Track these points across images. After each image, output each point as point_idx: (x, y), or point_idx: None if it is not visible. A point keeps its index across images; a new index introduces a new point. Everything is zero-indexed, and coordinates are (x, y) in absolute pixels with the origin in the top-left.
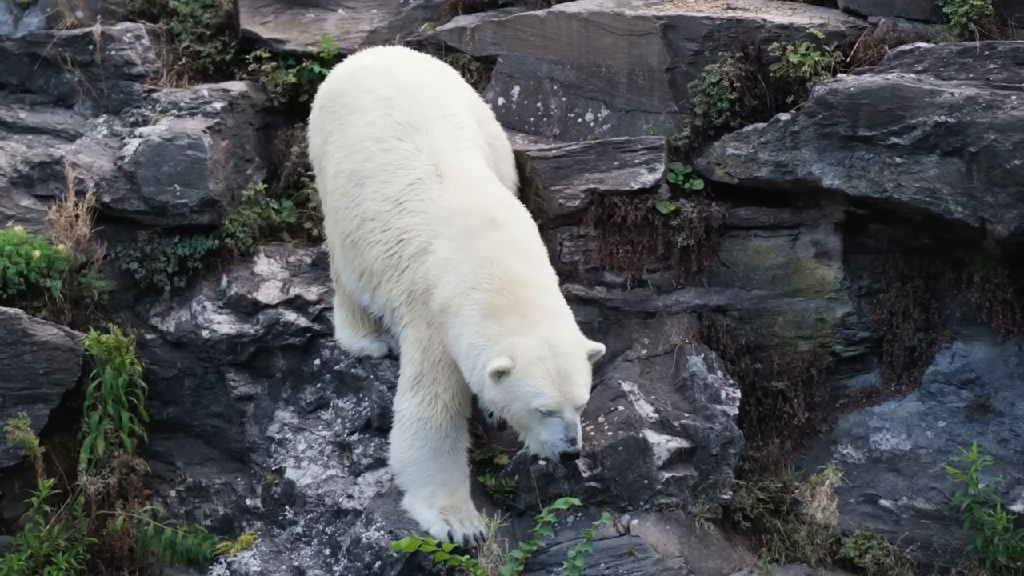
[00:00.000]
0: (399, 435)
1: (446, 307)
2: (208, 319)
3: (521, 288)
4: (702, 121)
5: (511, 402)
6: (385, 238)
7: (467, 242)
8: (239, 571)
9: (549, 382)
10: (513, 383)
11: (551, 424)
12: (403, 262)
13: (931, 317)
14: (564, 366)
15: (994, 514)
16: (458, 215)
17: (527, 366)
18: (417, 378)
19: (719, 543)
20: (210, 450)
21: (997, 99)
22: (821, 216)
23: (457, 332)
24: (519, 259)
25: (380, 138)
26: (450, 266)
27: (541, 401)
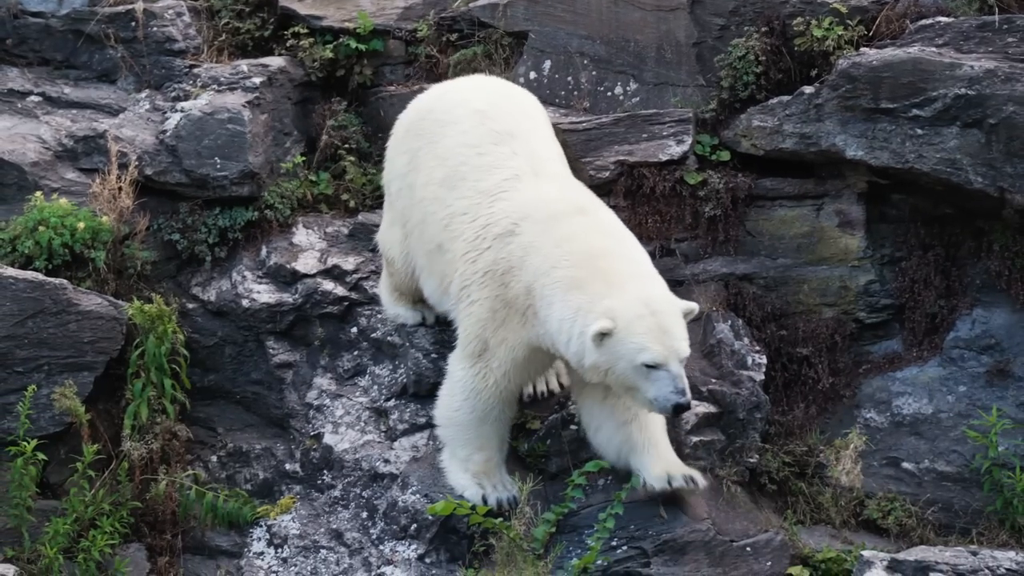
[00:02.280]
0: (449, 396)
1: (531, 289)
2: (248, 288)
3: (601, 260)
4: (728, 94)
5: (616, 362)
6: (473, 227)
7: (552, 225)
8: (279, 534)
9: (652, 337)
10: (616, 343)
11: (658, 378)
12: (486, 242)
13: (952, 284)
14: (663, 322)
15: (1013, 476)
16: (548, 202)
17: (627, 324)
18: (477, 353)
19: (745, 505)
20: (250, 416)
21: (1016, 72)
22: (844, 186)
23: (545, 313)
24: (600, 237)
25: (475, 144)
26: (534, 248)
27: (647, 355)
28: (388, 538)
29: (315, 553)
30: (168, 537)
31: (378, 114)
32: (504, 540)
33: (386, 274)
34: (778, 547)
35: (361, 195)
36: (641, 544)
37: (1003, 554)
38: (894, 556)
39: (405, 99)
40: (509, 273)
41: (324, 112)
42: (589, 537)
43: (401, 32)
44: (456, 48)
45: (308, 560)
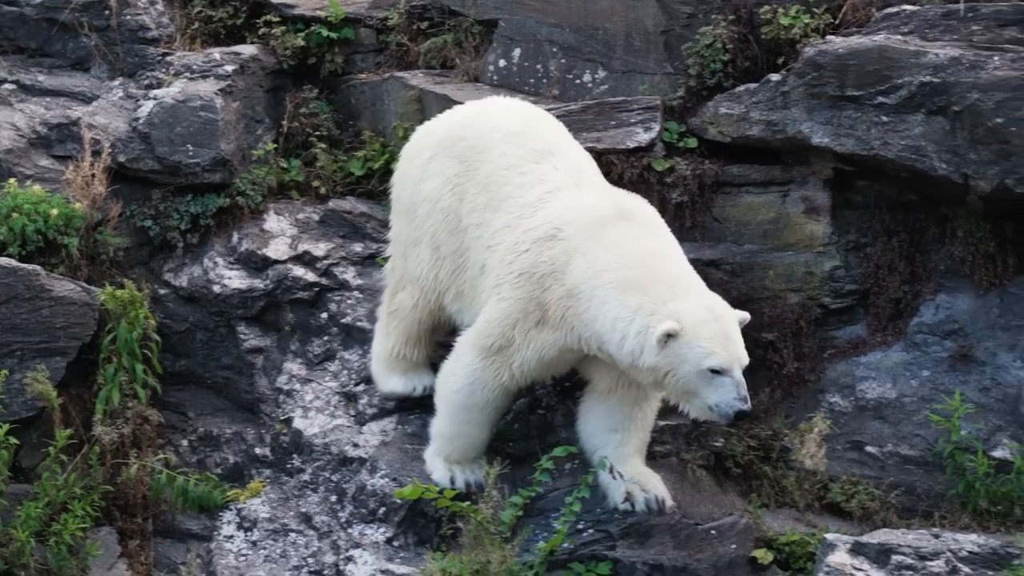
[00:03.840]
0: (451, 375)
1: (575, 292)
2: (219, 274)
3: (656, 263)
4: (696, 82)
5: (679, 365)
6: (512, 235)
7: (597, 231)
8: (248, 517)
9: (718, 342)
10: (682, 345)
11: (721, 384)
12: (524, 245)
13: (916, 270)
14: (725, 328)
15: (976, 460)
16: (589, 207)
17: (694, 328)
18: (496, 347)
19: (711, 489)
20: (221, 401)
21: (980, 59)
22: (810, 173)
23: (594, 313)
24: (648, 241)
25: (516, 165)
26: (578, 252)
27: (714, 360)
28: (357, 521)
29: (284, 536)
30: (139, 521)
31: (349, 101)
32: (471, 523)
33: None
34: (743, 530)
35: (332, 182)
36: (607, 527)
37: (965, 537)
38: (857, 539)
39: (376, 87)
40: (550, 276)
41: (295, 99)
42: (556, 520)
43: (372, 20)
44: (426, 36)
45: (277, 543)
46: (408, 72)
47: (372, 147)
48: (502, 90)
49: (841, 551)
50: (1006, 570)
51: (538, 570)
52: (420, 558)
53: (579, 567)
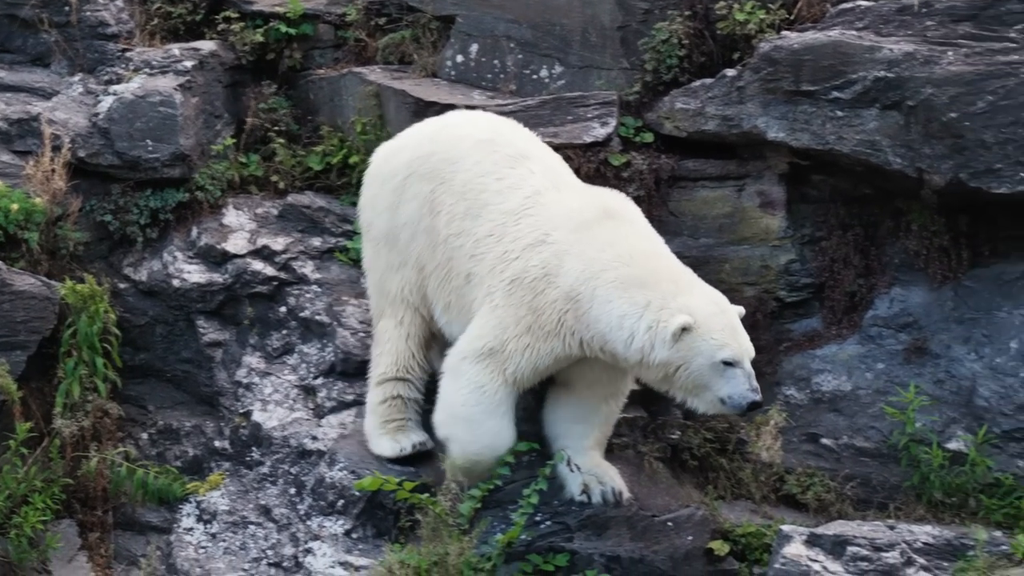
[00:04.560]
0: (454, 391)
1: (573, 294)
2: (179, 269)
3: (655, 260)
4: (652, 77)
5: (692, 358)
6: (500, 245)
7: (586, 232)
8: (208, 510)
9: (729, 334)
10: (695, 339)
11: (733, 376)
12: (514, 253)
13: (871, 263)
14: (732, 321)
15: (930, 452)
16: (575, 210)
17: (706, 321)
18: (491, 351)
19: (667, 481)
20: (180, 394)
21: (934, 55)
22: (766, 167)
23: (596, 313)
24: (640, 239)
25: (491, 171)
26: (571, 254)
27: (727, 352)
28: (315, 514)
29: (244, 529)
30: (99, 513)
31: (308, 97)
32: (430, 516)
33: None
34: (699, 522)
35: (290, 176)
36: (564, 519)
37: (920, 528)
38: (813, 531)
39: (334, 82)
40: (542, 280)
41: (254, 95)
42: (513, 513)
43: (330, 16)
44: (384, 32)
45: (237, 535)
46: (366, 68)
47: (330, 142)
48: (460, 85)
49: (797, 543)
50: (960, 561)
51: (496, 562)
52: (379, 550)
53: (536, 559)
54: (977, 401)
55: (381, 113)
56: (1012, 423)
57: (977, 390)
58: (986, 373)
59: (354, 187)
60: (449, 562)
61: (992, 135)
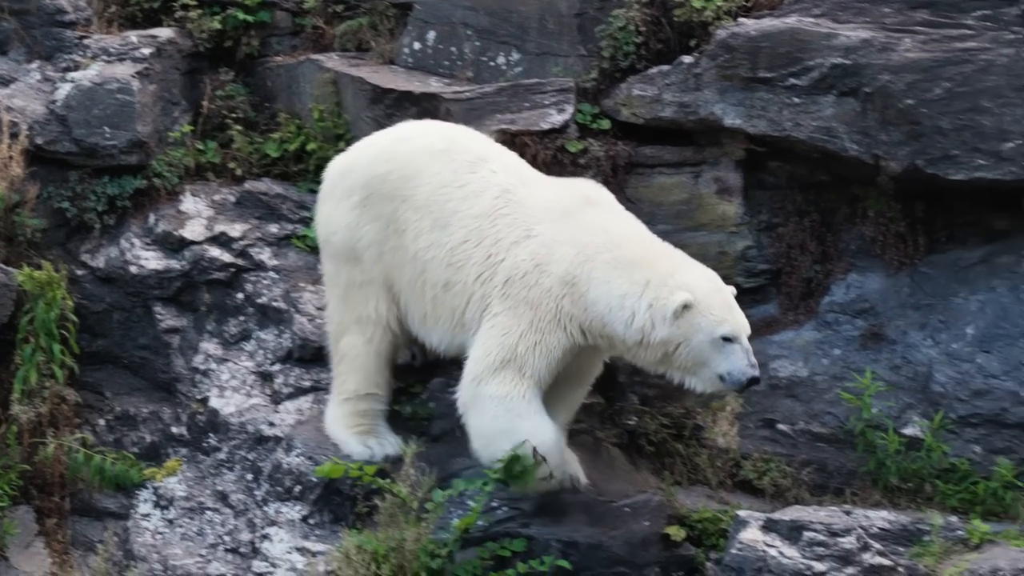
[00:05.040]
0: (479, 415)
1: (568, 278)
2: (136, 255)
3: (644, 241)
4: (609, 64)
5: (692, 335)
6: (480, 249)
7: (572, 219)
8: (165, 496)
9: (727, 310)
10: (696, 315)
11: (732, 352)
12: (500, 254)
13: (827, 250)
14: (729, 298)
15: (886, 437)
16: (553, 201)
17: (705, 297)
18: (503, 362)
19: (624, 467)
20: (138, 380)
21: (891, 42)
22: (722, 154)
23: (595, 295)
24: (626, 224)
25: (452, 180)
26: (560, 242)
27: (726, 328)
28: (273, 499)
29: (201, 514)
30: (56, 499)
31: (265, 84)
32: (387, 501)
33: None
34: (656, 507)
35: (248, 163)
36: (521, 505)
37: (876, 514)
38: (769, 516)
39: (292, 69)
40: (535, 272)
41: (212, 82)
42: (471, 499)
43: (288, 3)
44: (342, 19)
45: (194, 521)
46: (324, 55)
47: (288, 129)
48: (417, 72)
49: (753, 528)
50: (916, 546)
51: (452, 548)
52: (336, 536)
53: (493, 545)
54: (933, 387)
55: (338, 100)
56: (968, 409)
57: (933, 376)
58: (942, 359)
59: (311, 174)
60: (406, 548)
61: (949, 122)
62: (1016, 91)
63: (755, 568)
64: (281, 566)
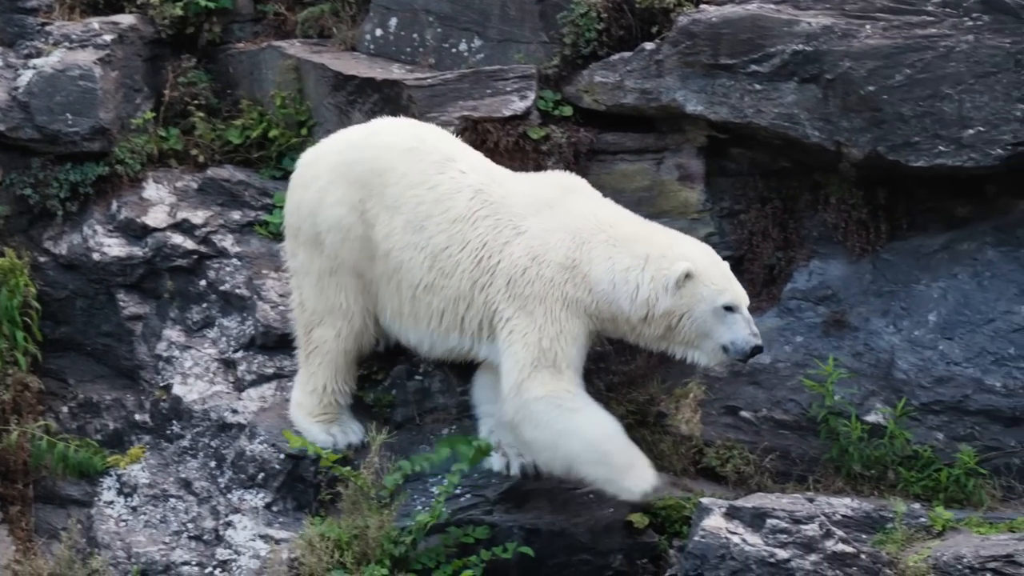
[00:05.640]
0: (532, 424)
1: (569, 263)
2: (99, 242)
3: (635, 222)
4: (571, 51)
5: (695, 305)
6: (466, 254)
7: (556, 210)
8: (128, 483)
9: (728, 280)
10: (697, 285)
11: (734, 322)
12: (493, 256)
13: (789, 236)
14: (726, 269)
15: (849, 424)
16: (533, 195)
17: (706, 268)
18: (536, 361)
19: None
20: (101, 368)
21: (852, 28)
22: (684, 141)
23: (599, 272)
24: (611, 207)
25: (422, 182)
26: (552, 231)
27: (727, 297)
28: (236, 487)
29: (164, 502)
30: (20, 487)
31: (227, 71)
32: (350, 489)
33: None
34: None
35: (210, 150)
36: (484, 492)
37: (839, 500)
38: (732, 503)
39: (254, 56)
40: (533, 266)
41: (174, 69)
42: (435, 487)
43: None
44: (304, 5)
45: (157, 509)
46: (285, 41)
47: (250, 116)
48: (379, 59)
49: (716, 515)
50: (879, 533)
51: (416, 535)
52: (299, 523)
53: (457, 531)
54: (896, 374)
55: (300, 87)
56: (930, 396)
57: (896, 363)
58: (904, 346)
59: (274, 160)
60: (369, 535)
61: (910, 108)
62: (977, 78)
63: (718, 555)
64: (244, 553)
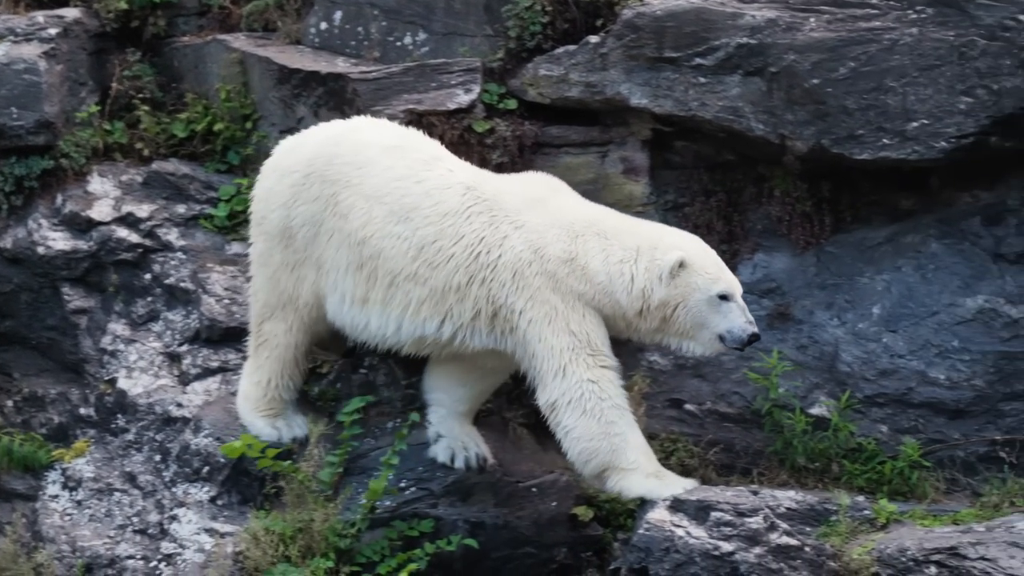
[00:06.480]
0: (577, 414)
1: (568, 256)
2: (44, 236)
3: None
4: (516, 44)
5: (690, 295)
6: (461, 246)
7: (547, 206)
8: (73, 477)
9: (720, 268)
10: (691, 273)
11: (729, 310)
12: (493, 251)
13: (734, 229)
14: (717, 258)
15: (793, 417)
16: (523, 193)
17: (698, 256)
18: (570, 347)
19: (531, 447)
20: (46, 361)
21: (796, 21)
22: (629, 134)
23: (596, 265)
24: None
25: (408, 175)
26: (547, 226)
27: (722, 286)
28: (181, 480)
29: (109, 496)
30: None
31: (172, 64)
32: (294, 482)
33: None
34: (563, 487)
35: (155, 144)
36: (429, 486)
37: (783, 493)
38: (676, 496)
39: (199, 49)
40: (537, 260)
41: (119, 62)
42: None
43: None
44: None
45: (102, 502)
46: (230, 35)
47: (195, 109)
48: (324, 52)
49: (660, 508)
50: (823, 526)
51: (360, 528)
52: (244, 517)
53: (401, 525)
54: (840, 366)
55: (245, 80)
56: (874, 388)
57: (840, 355)
58: (848, 338)
59: (219, 154)
60: (314, 528)
61: (854, 101)
62: (921, 71)
63: (662, 548)
64: (189, 547)
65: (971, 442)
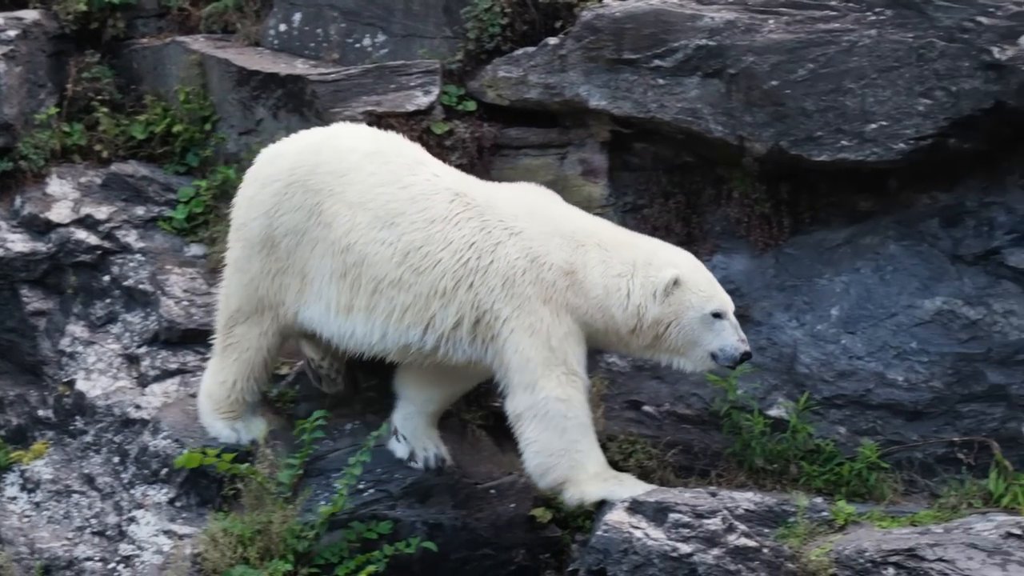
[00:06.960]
0: (540, 428)
1: (568, 268)
2: (2, 238)
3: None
4: (475, 46)
5: (683, 312)
6: (450, 251)
7: (544, 215)
8: (32, 479)
9: (713, 286)
10: (685, 291)
11: (722, 328)
12: (484, 257)
13: (692, 231)
14: (710, 275)
15: (751, 419)
16: (516, 200)
17: (691, 273)
18: (547, 360)
19: (490, 449)
20: (3, 363)
21: (755, 23)
22: (588, 135)
23: (594, 279)
24: (588, 216)
25: (392, 181)
26: (548, 235)
27: (715, 304)
28: (139, 482)
29: (67, 497)
30: None
31: (131, 66)
32: (252, 484)
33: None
34: (522, 489)
35: (114, 146)
36: (387, 487)
37: (741, 495)
38: (635, 497)
39: (158, 51)
40: (532, 267)
41: (78, 64)
42: (337, 480)
43: None
44: (208, 1)
45: (61, 504)
46: (190, 37)
47: (154, 111)
48: (283, 54)
49: (619, 509)
50: (782, 527)
51: (319, 530)
52: (202, 518)
53: (360, 527)
54: (798, 368)
55: (204, 82)
56: (832, 390)
57: (798, 357)
58: (807, 340)
59: (178, 156)
60: (272, 530)
61: (813, 103)
62: (879, 72)
63: (621, 550)
64: (148, 549)
65: (929, 443)
